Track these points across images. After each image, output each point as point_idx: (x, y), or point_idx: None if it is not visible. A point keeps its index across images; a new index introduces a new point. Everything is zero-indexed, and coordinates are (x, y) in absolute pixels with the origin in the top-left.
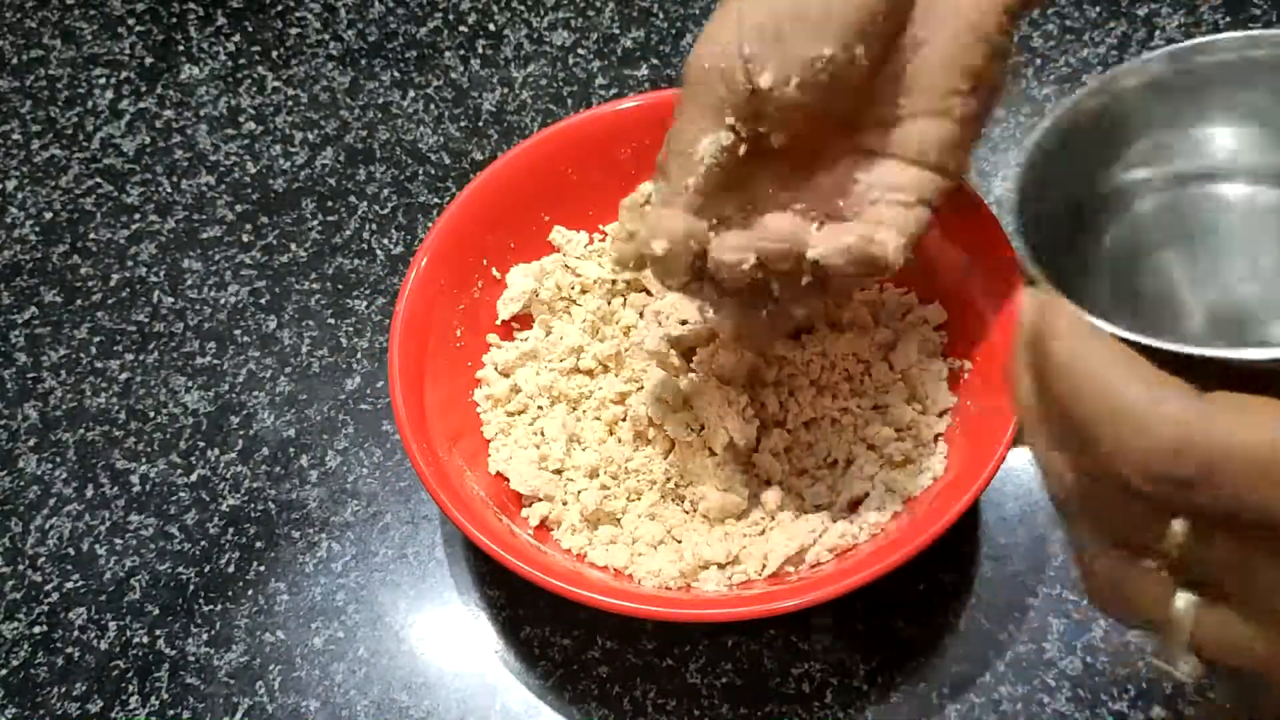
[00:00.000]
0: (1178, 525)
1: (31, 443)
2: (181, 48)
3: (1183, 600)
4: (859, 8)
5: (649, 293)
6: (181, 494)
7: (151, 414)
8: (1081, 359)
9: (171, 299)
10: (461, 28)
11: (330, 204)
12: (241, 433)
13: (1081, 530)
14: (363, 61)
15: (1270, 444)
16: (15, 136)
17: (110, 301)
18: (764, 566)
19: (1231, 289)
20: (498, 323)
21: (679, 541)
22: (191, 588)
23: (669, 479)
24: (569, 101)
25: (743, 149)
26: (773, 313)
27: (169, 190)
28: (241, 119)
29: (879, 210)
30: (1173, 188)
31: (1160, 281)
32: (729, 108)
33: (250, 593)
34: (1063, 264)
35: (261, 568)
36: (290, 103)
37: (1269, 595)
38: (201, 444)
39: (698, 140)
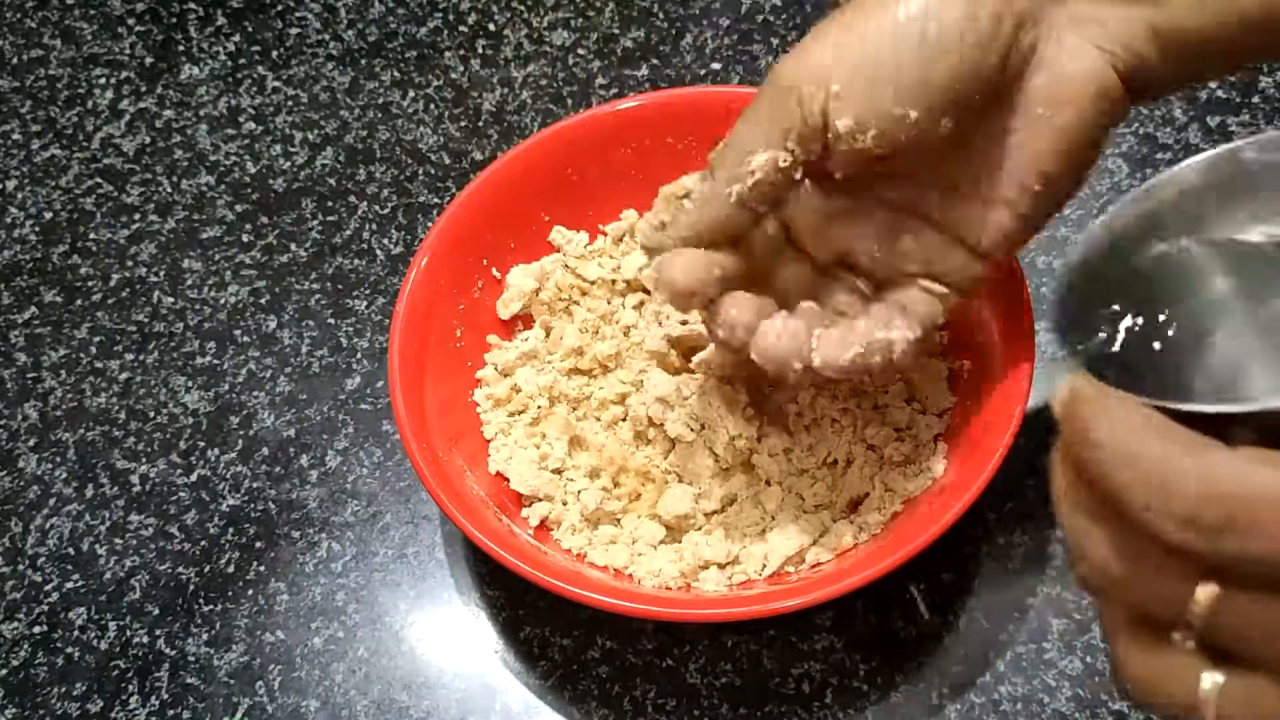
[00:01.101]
0: (1203, 590)
1: (31, 443)
2: (181, 48)
3: (1209, 680)
4: (956, 81)
5: (649, 293)
6: (181, 494)
7: (151, 414)
8: (1116, 428)
9: (171, 299)
10: (461, 28)
11: (330, 204)
12: (241, 433)
13: (1114, 615)
14: (363, 61)
15: None
16: (15, 136)
17: (110, 301)
18: (764, 566)
19: (1228, 346)
20: (499, 322)
21: (679, 541)
22: (191, 588)
23: (669, 479)
24: (569, 101)
25: (799, 174)
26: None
27: (169, 190)
28: (241, 119)
29: (908, 292)
30: (1191, 250)
31: (1171, 345)
32: (795, 133)
33: (250, 593)
34: (1089, 342)
35: (261, 568)
36: (290, 103)
37: None
38: (201, 444)
39: (755, 151)
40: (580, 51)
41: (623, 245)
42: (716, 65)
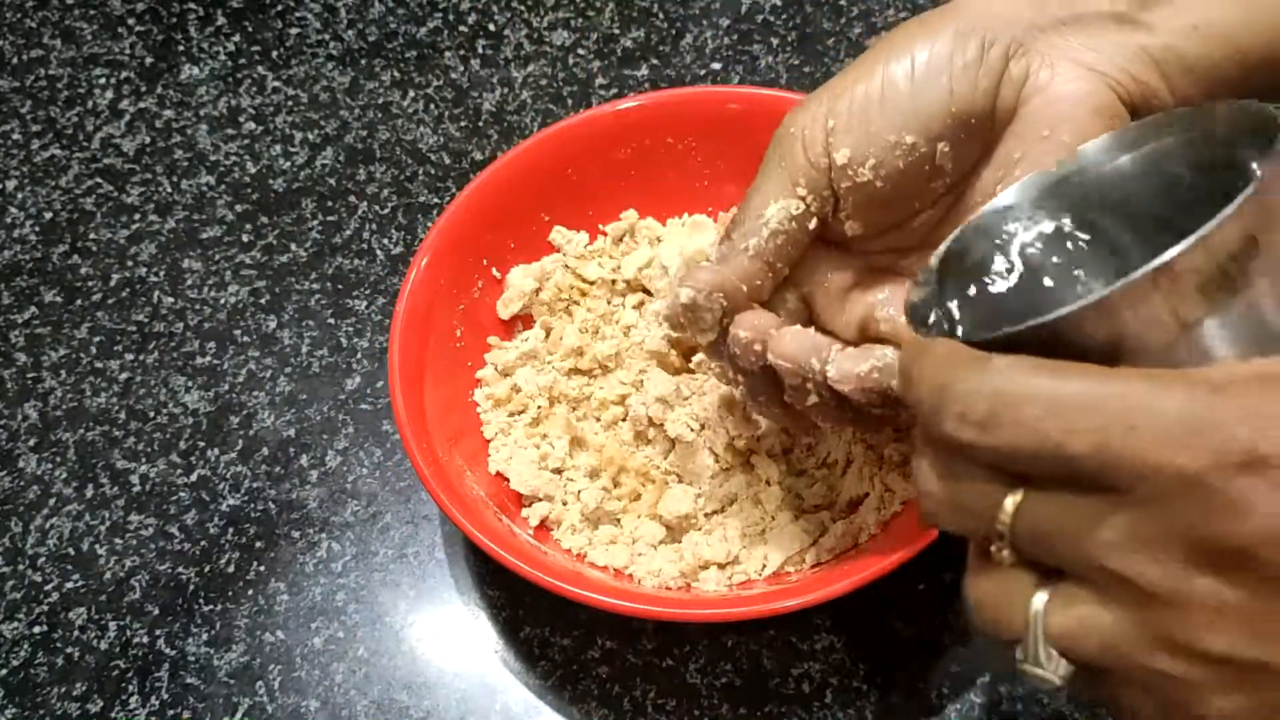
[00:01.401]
0: (1009, 498)
1: (31, 443)
2: (181, 48)
3: (1039, 600)
4: (948, 104)
5: (649, 293)
6: (181, 494)
7: (151, 414)
8: (924, 360)
9: (171, 299)
10: (461, 28)
11: (330, 204)
12: (241, 433)
13: (971, 550)
14: (363, 61)
15: (1055, 385)
16: (15, 136)
17: (110, 301)
18: (764, 566)
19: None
20: (499, 322)
21: (679, 541)
22: (191, 588)
23: (669, 480)
24: (569, 101)
25: (813, 224)
26: (791, 409)
27: (169, 190)
28: (241, 119)
29: None
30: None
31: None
32: (803, 178)
33: (250, 593)
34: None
35: (261, 568)
36: (290, 103)
37: (1095, 552)
38: (201, 444)
39: (767, 205)
40: (580, 51)
41: (623, 245)
42: (716, 65)
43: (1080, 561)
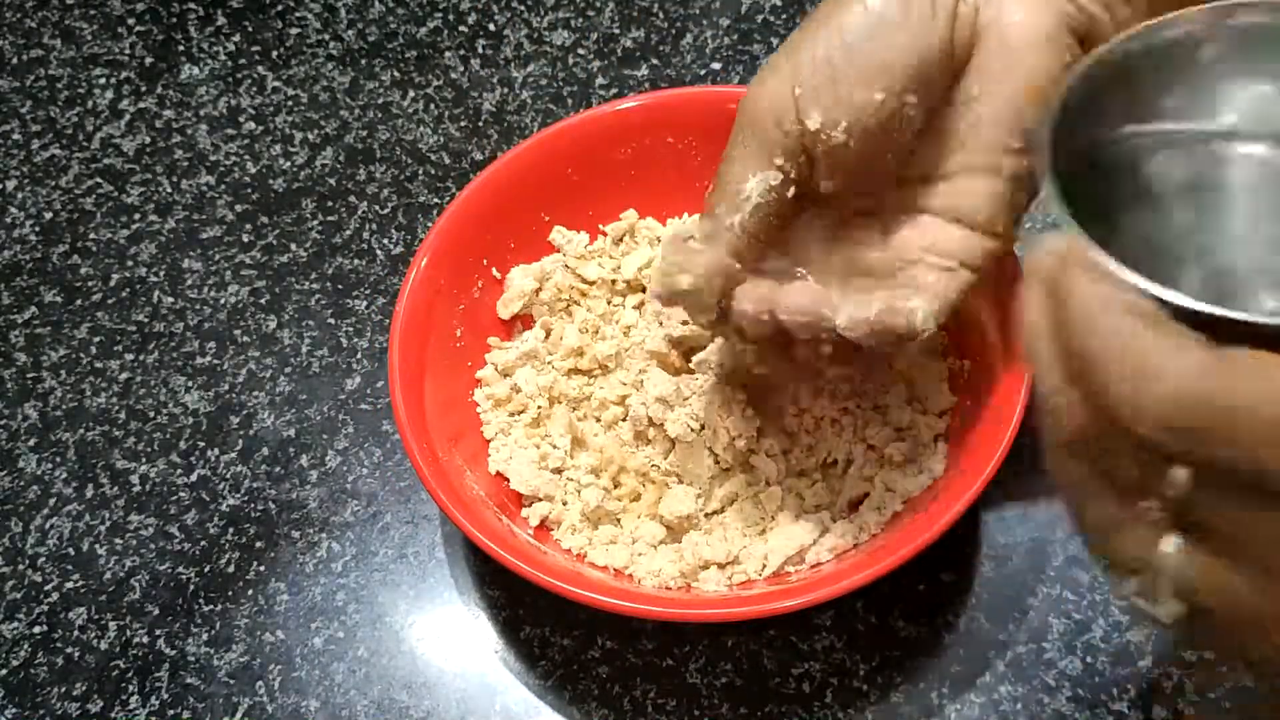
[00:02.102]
0: (1181, 472)
1: (31, 443)
2: (181, 48)
3: (1171, 543)
4: (911, 57)
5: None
6: (181, 494)
7: (151, 414)
8: (1103, 305)
9: (171, 299)
10: (461, 28)
11: (330, 204)
12: (241, 433)
13: (1078, 471)
14: (363, 61)
15: None
16: (15, 136)
17: (110, 301)
18: (764, 566)
19: (1230, 251)
20: (499, 322)
21: (679, 541)
22: (191, 588)
23: (669, 481)
24: (569, 101)
25: (791, 191)
26: (800, 363)
27: (169, 190)
28: (241, 119)
29: (917, 272)
30: (1193, 144)
31: (1165, 237)
32: (778, 148)
33: (250, 593)
34: (1082, 212)
35: (261, 568)
36: (290, 103)
37: (1265, 548)
38: (201, 444)
39: (745, 179)
40: (580, 51)
41: (623, 245)
42: (716, 65)
43: (1244, 548)
